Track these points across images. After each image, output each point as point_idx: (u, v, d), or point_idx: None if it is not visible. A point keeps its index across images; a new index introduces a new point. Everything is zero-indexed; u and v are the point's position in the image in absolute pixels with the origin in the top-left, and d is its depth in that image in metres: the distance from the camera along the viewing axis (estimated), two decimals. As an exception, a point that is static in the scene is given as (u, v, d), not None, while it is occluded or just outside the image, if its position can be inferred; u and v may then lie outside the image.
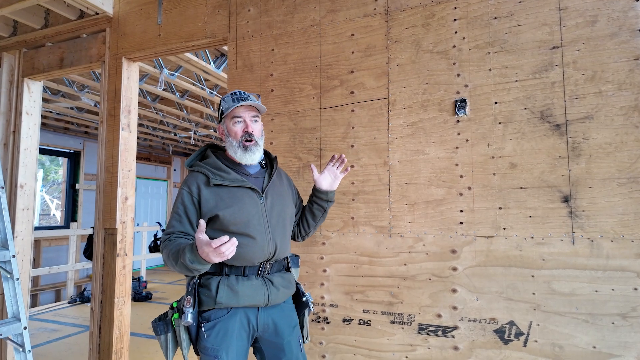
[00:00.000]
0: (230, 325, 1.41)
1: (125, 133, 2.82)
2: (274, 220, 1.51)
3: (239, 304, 1.42)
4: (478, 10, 1.93)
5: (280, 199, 1.57)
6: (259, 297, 1.44)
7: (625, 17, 1.69)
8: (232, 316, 1.43)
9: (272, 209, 1.52)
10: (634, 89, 1.66)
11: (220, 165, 1.50)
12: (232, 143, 1.51)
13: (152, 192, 9.07)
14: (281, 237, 1.53)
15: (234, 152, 1.51)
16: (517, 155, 1.80)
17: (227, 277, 1.43)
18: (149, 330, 4.24)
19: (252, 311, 1.46)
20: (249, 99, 1.52)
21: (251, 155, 1.50)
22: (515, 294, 1.76)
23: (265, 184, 1.54)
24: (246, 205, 1.46)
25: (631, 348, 1.59)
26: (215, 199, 1.44)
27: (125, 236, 2.76)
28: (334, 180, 1.69)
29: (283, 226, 1.56)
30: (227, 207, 1.43)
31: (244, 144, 1.49)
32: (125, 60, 2.83)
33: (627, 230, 1.63)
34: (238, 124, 1.51)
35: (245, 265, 1.44)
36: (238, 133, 1.50)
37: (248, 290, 1.43)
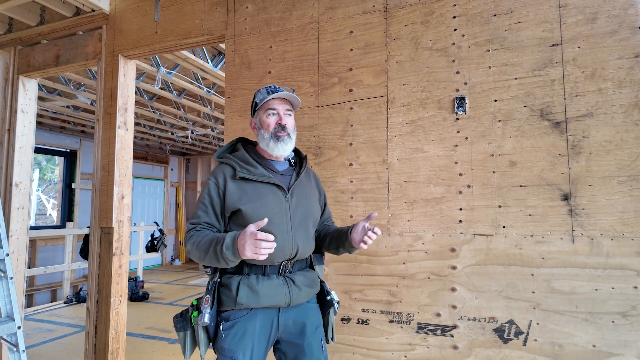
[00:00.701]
0: (250, 327, 1.37)
1: (122, 131, 2.79)
2: (298, 220, 1.46)
3: (260, 304, 1.37)
4: (477, 8, 1.92)
5: (305, 199, 1.51)
6: (280, 297, 1.39)
7: (625, 15, 1.69)
8: (252, 317, 1.38)
9: (296, 208, 1.46)
10: (634, 86, 1.65)
11: (249, 159, 1.47)
12: (264, 135, 1.47)
13: (149, 192, 9.03)
14: (304, 238, 1.46)
15: (265, 144, 1.48)
16: (516, 153, 1.79)
17: (248, 277, 1.38)
18: (146, 330, 4.22)
19: (273, 312, 1.41)
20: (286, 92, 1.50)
21: (283, 146, 1.46)
22: (515, 292, 1.75)
23: (292, 182, 1.49)
24: (270, 202, 1.41)
25: (631, 347, 1.58)
26: (240, 193, 1.41)
27: (122, 235, 2.74)
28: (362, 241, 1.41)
29: (306, 227, 1.49)
30: (250, 202, 1.39)
31: (276, 134, 1.46)
32: (121, 58, 2.80)
33: (627, 229, 1.62)
34: (272, 116, 1.48)
35: (266, 265, 1.40)
36: (271, 125, 1.47)
37: (268, 290, 1.38)
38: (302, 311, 1.47)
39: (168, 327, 4.33)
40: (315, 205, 1.57)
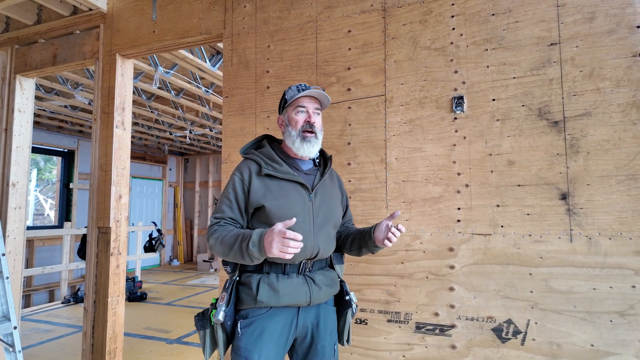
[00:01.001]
0: (268, 326, 1.34)
1: (119, 131, 2.78)
2: (320, 220, 1.43)
3: (280, 302, 1.34)
4: (476, 7, 1.92)
5: (328, 200, 1.49)
6: (301, 295, 1.36)
7: (623, 14, 1.69)
8: (272, 316, 1.36)
9: (319, 208, 1.44)
10: (632, 85, 1.65)
11: (274, 156, 1.45)
12: (291, 133, 1.45)
13: (148, 192, 9.01)
14: (325, 239, 1.44)
15: (291, 142, 1.45)
16: (514, 153, 1.79)
17: (268, 275, 1.36)
18: (144, 331, 4.21)
19: (292, 311, 1.38)
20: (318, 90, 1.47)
21: (309, 147, 1.44)
22: (513, 292, 1.75)
23: (316, 182, 1.47)
24: (293, 201, 1.39)
25: (629, 346, 1.58)
26: (264, 190, 1.39)
27: (119, 235, 2.73)
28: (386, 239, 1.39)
29: (328, 227, 1.46)
30: (275, 199, 1.37)
31: (303, 134, 1.43)
32: (119, 57, 2.79)
33: (625, 228, 1.62)
34: (300, 114, 1.46)
35: (286, 263, 1.38)
36: (299, 122, 1.45)
37: (289, 289, 1.35)
38: (319, 312, 1.44)
39: (166, 327, 4.32)
40: (337, 207, 1.55)
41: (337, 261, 1.56)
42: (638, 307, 1.58)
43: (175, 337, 3.98)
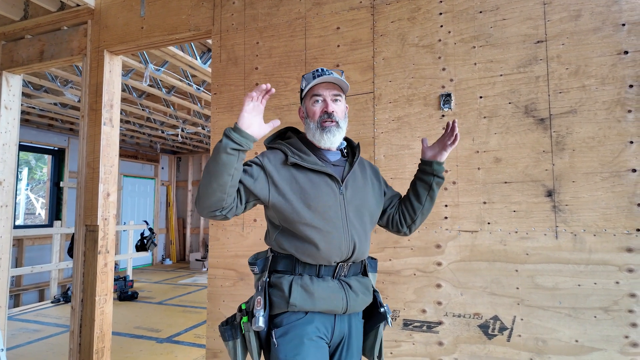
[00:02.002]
0: (307, 332, 1.21)
1: (108, 128, 2.75)
2: (352, 214, 1.30)
3: (315, 307, 1.22)
4: (464, 4, 1.92)
5: (360, 192, 1.35)
6: (337, 301, 1.24)
7: (609, 12, 1.70)
8: (309, 322, 1.22)
9: (350, 202, 1.31)
10: (617, 83, 1.66)
11: (301, 146, 1.34)
12: (310, 124, 1.34)
13: (139, 191, 8.95)
14: (360, 234, 1.30)
15: (312, 134, 1.33)
16: (501, 150, 1.80)
17: (301, 277, 1.24)
18: (134, 330, 4.17)
19: (328, 319, 1.25)
20: (332, 75, 1.32)
21: (330, 137, 1.31)
22: (499, 288, 1.76)
23: (346, 173, 1.34)
24: (323, 194, 1.26)
25: (613, 342, 1.60)
26: (290, 181, 1.26)
27: (107, 233, 2.70)
28: (441, 151, 1.38)
29: (362, 222, 1.33)
30: (302, 192, 1.25)
31: (322, 124, 1.31)
32: (107, 54, 2.76)
33: (609, 224, 1.63)
34: (317, 104, 1.33)
35: (320, 265, 1.25)
36: (317, 113, 1.32)
37: (324, 293, 1.23)
38: (352, 323, 1.31)
39: (157, 327, 4.29)
40: (371, 199, 1.38)
41: (371, 269, 1.39)
42: (622, 303, 1.59)
43: (165, 336, 3.95)
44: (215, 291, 2.29)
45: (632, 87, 1.64)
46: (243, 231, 2.25)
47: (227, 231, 2.29)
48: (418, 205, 1.42)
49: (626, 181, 1.62)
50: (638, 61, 1.64)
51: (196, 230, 9.58)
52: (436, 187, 1.41)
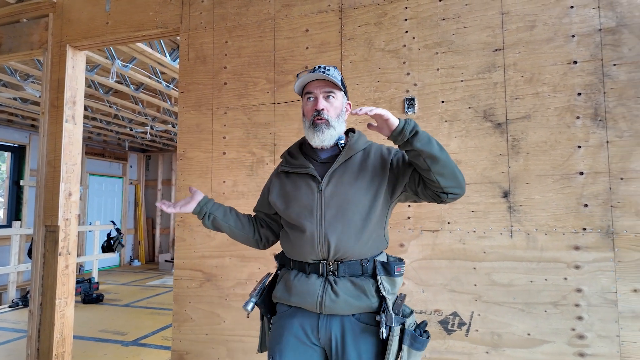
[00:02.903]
0: (288, 326, 1.26)
1: (70, 125, 2.67)
2: (332, 212, 1.23)
3: (289, 301, 1.27)
4: (428, 11, 1.98)
5: (347, 187, 1.25)
6: (310, 299, 1.21)
7: (560, 23, 1.80)
8: (291, 317, 1.27)
9: (330, 199, 1.24)
10: (567, 91, 1.77)
11: (294, 151, 1.38)
12: (305, 123, 1.32)
13: (107, 190, 8.66)
14: (340, 232, 1.21)
15: (306, 132, 1.32)
16: (461, 153, 1.87)
17: (289, 272, 1.30)
18: (99, 333, 4.05)
19: (311, 316, 1.24)
20: (327, 72, 1.26)
21: (319, 135, 1.25)
22: (459, 285, 1.83)
23: (331, 170, 1.27)
24: (301, 195, 1.29)
25: (562, 334, 1.70)
26: (279, 187, 1.37)
27: (69, 234, 2.62)
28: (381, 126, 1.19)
29: (347, 221, 1.23)
30: (284, 197, 1.34)
31: (314, 121, 1.27)
32: (70, 48, 2.67)
33: (559, 224, 1.73)
34: (309, 102, 1.30)
35: (303, 262, 1.28)
36: (309, 111, 1.29)
37: (301, 289, 1.24)
38: (345, 326, 1.21)
39: (123, 329, 4.18)
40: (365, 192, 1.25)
41: (382, 272, 1.23)
42: (569, 297, 1.70)
43: (131, 339, 3.86)
44: (182, 292, 2.26)
45: (581, 95, 1.75)
46: (210, 232, 2.24)
47: (194, 232, 2.27)
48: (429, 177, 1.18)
49: (574, 183, 1.73)
50: (586, 71, 1.75)
51: (166, 230, 9.37)
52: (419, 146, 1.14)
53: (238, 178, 2.23)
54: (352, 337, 1.19)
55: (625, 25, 1.71)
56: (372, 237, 1.25)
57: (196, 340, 2.22)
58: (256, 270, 2.14)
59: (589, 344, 1.66)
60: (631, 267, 1.64)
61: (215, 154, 2.28)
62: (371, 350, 1.19)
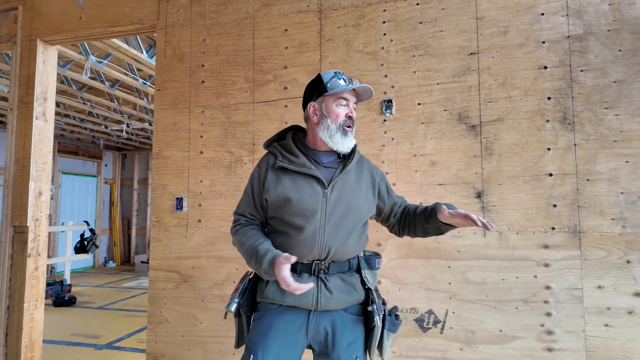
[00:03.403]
0: (275, 323, 1.29)
1: (40, 122, 2.58)
2: (335, 219, 1.30)
3: (284, 301, 1.30)
4: (405, 14, 2.01)
5: (349, 195, 1.33)
6: (306, 298, 1.27)
7: (532, 30, 1.86)
8: (280, 314, 1.31)
9: (335, 206, 1.30)
10: (538, 95, 1.83)
11: (292, 149, 1.37)
12: (330, 125, 1.33)
13: (80, 189, 8.40)
14: (339, 236, 1.30)
15: (328, 135, 1.33)
16: (437, 154, 1.91)
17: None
18: (71, 337, 3.93)
19: (302, 313, 1.30)
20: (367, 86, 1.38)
21: (349, 141, 1.35)
22: (434, 284, 1.87)
23: (336, 176, 1.33)
24: (306, 196, 1.29)
25: (531, 330, 1.76)
26: (276, 183, 1.33)
27: (39, 235, 2.53)
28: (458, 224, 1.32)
29: (345, 224, 1.32)
30: (285, 193, 1.30)
31: (344, 128, 1.34)
32: (41, 43, 2.58)
33: (529, 224, 1.79)
34: (342, 107, 1.35)
35: (297, 262, 1.28)
36: (340, 116, 1.34)
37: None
38: (335, 320, 1.31)
39: (96, 333, 4.07)
40: (361, 202, 1.36)
41: (366, 266, 1.37)
42: (539, 294, 1.76)
43: (105, 343, 3.76)
44: (157, 294, 2.23)
45: (550, 99, 1.81)
46: (187, 232, 2.21)
47: (170, 232, 2.23)
48: (423, 235, 1.43)
49: (544, 184, 1.79)
50: (555, 76, 1.82)
51: (142, 231, 9.17)
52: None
53: (216, 178, 2.21)
54: (342, 328, 1.30)
55: (592, 33, 1.79)
56: (362, 238, 1.39)
57: (172, 342, 2.18)
58: (234, 270, 2.12)
59: (557, 339, 1.72)
60: (596, 264, 1.71)
61: (192, 153, 2.25)
62: (359, 338, 1.32)
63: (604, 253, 1.71)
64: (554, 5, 1.84)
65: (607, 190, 1.72)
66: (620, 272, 1.68)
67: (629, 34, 1.75)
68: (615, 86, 1.75)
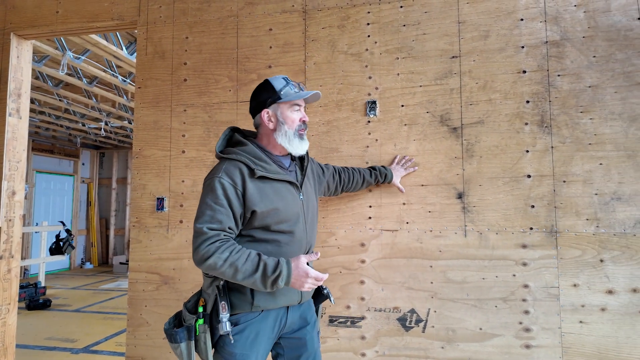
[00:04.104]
0: (262, 328, 1.33)
1: (14, 119, 2.49)
2: (309, 218, 1.46)
3: (277, 304, 1.35)
4: (389, 17, 2.03)
5: (311, 194, 1.51)
6: (294, 295, 1.38)
7: (511, 35, 1.91)
8: (265, 318, 1.34)
9: (307, 206, 1.45)
10: (517, 98, 1.88)
11: (260, 155, 1.37)
12: (287, 131, 1.39)
13: (56, 188, 8.15)
14: (313, 233, 1.49)
15: (287, 140, 1.38)
16: (419, 155, 1.94)
17: None
18: (45, 341, 3.81)
19: (282, 310, 1.39)
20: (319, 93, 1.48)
21: (305, 144, 1.43)
22: (416, 283, 1.89)
23: (300, 179, 1.47)
24: (289, 203, 1.38)
25: (510, 328, 1.80)
26: (260, 193, 1.32)
27: (12, 236, 2.44)
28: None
29: (315, 223, 1.52)
30: (272, 203, 1.33)
31: (299, 132, 1.41)
32: (14, 37, 2.49)
33: (508, 224, 1.84)
34: (297, 112, 1.42)
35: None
36: (296, 121, 1.41)
37: (284, 289, 1.34)
38: (304, 307, 1.47)
39: (72, 336, 3.95)
40: (317, 198, 1.59)
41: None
42: (517, 293, 1.80)
43: (82, 347, 3.66)
44: (137, 296, 2.18)
45: (529, 103, 1.86)
46: (168, 233, 2.17)
47: (150, 233, 2.19)
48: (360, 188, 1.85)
49: (523, 185, 1.84)
50: (534, 80, 1.87)
51: (121, 231, 8.97)
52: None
53: (198, 178, 2.18)
54: (309, 312, 1.49)
55: (568, 39, 1.85)
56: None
57: (152, 345, 2.14)
58: (216, 271, 2.10)
59: (534, 336, 1.77)
60: (571, 263, 1.77)
61: (173, 152, 2.22)
62: (315, 316, 1.53)
63: (579, 252, 1.76)
64: (532, 11, 1.89)
65: (582, 191, 1.78)
66: (594, 271, 1.74)
67: (602, 40, 1.81)
68: (590, 91, 1.81)
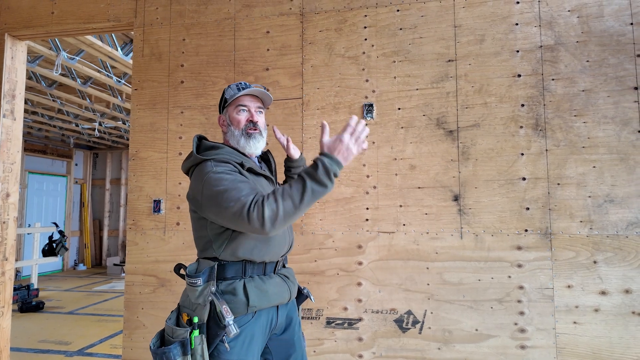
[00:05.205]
0: (256, 330, 1.32)
1: (8, 121, 2.47)
2: None
3: (270, 303, 1.34)
4: (386, 20, 2.05)
5: None
6: (285, 293, 1.38)
7: (506, 39, 1.93)
8: (257, 319, 1.33)
9: None
10: (512, 102, 1.90)
11: (237, 153, 1.40)
12: (234, 132, 1.42)
13: (49, 189, 8.08)
14: (292, 230, 1.51)
15: (235, 141, 1.42)
16: (416, 158, 1.95)
17: (251, 279, 1.32)
18: (39, 344, 3.77)
19: (273, 310, 1.38)
20: (259, 89, 1.46)
21: (255, 143, 1.42)
22: (413, 285, 1.91)
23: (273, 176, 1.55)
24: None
25: (505, 328, 1.82)
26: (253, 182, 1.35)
27: (6, 238, 2.42)
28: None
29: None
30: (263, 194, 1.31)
31: (247, 131, 1.41)
32: (9, 38, 2.47)
33: (504, 226, 1.86)
34: (242, 113, 1.43)
35: (265, 263, 1.35)
36: (242, 122, 1.42)
37: (275, 288, 1.35)
38: (291, 306, 1.48)
39: (66, 339, 3.92)
40: None
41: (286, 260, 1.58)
42: (513, 294, 1.82)
43: (76, 349, 3.63)
44: (134, 298, 2.17)
45: (524, 106, 1.89)
46: (165, 235, 2.17)
47: (147, 235, 2.18)
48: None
49: (518, 188, 1.86)
50: (528, 84, 1.89)
51: (115, 232, 8.90)
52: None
53: (195, 180, 2.17)
54: (295, 312, 1.49)
55: (562, 44, 1.87)
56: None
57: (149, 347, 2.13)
58: (213, 273, 2.10)
59: (529, 337, 1.79)
60: (565, 265, 1.79)
61: (170, 154, 2.21)
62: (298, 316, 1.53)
63: (573, 254, 1.79)
64: (527, 15, 1.92)
65: (575, 194, 1.81)
66: (588, 272, 1.77)
67: (595, 45, 1.84)
68: (583, 95, 1.84)
